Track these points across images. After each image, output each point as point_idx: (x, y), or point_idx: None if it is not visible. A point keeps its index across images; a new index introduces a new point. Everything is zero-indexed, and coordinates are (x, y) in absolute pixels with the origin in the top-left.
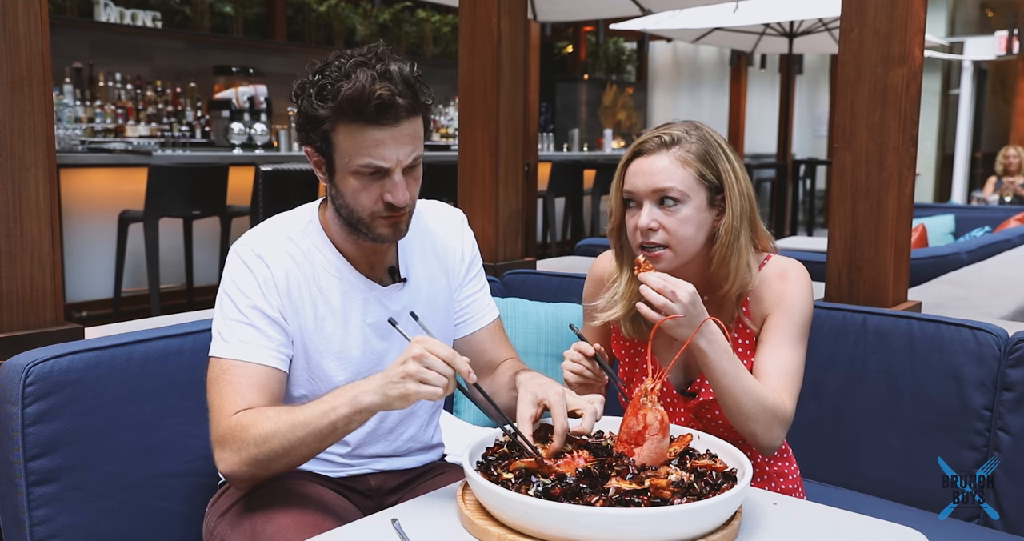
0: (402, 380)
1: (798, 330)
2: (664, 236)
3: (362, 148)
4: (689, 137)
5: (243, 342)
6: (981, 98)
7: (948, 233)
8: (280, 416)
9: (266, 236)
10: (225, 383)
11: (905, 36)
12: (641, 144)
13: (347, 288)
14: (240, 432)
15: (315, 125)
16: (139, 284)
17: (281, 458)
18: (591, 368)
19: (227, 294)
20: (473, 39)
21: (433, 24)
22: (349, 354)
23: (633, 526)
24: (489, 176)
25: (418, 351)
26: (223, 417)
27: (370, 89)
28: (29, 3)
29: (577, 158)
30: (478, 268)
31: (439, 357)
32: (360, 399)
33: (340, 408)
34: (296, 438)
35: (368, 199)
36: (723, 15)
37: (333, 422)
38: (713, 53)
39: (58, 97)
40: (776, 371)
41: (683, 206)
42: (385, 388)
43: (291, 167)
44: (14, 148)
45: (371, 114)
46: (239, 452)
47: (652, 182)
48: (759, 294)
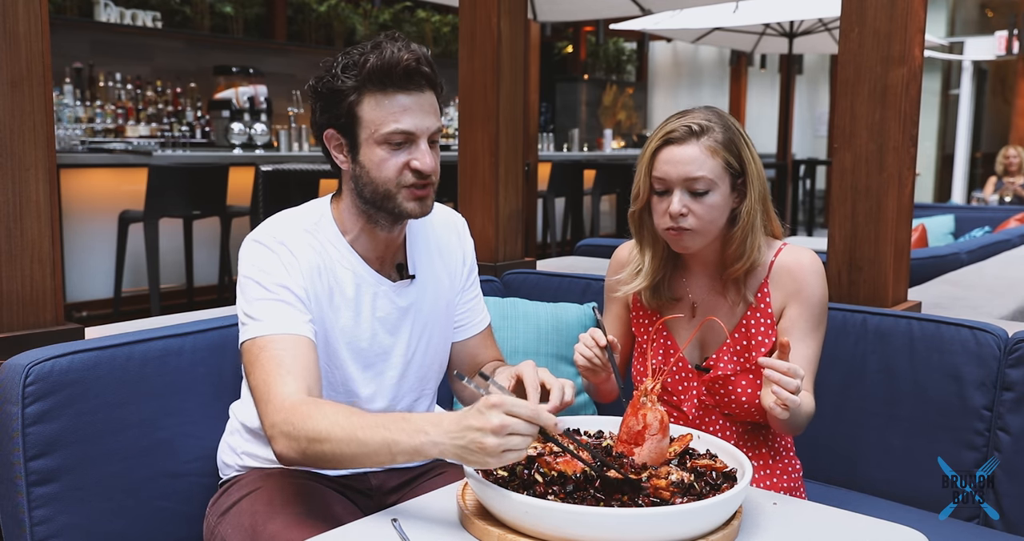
0: (479, 451)
1: (816, 319)
2: (693, 221)
3: (389, 114)
4: (715, 126)
5: (275, 317)
6: (981, 98)
7: (948, 233)
8: (339, 421)
9: (284, 226)
10: (267, 359)
11: (905, 36)
12: (669, 133)
13: (359, 282)
14: (296, 419)
15: (339, 100)
16: (139, 284)
17: (329, 461)
18: (601, 357)
19: (250, 278)
20: (473, 39)
21: (433, 24)
22: (358, 346)
23: (633, 526)
24: (489, 176)
25: (497, 422)
26: (272, 395)
27: (397, 55)
28: (29, 3)
29: (577, 158)
30: (476, 273)
31: (522, 418)
32: (426, 450)
33: (401, 443)
34: (348, 451)
35: (394, 168)
36: (723, 15)
37: (392, 454)
38: (713, 53)
39: (58, 97)
40: (801, 364)
41: (712, 193)
42: (462, 453)
43: (291, 167)
44: (14, 148)
45: (399, 79)
46: (289, 439)
47: (685, 171)
48: (779, 282)
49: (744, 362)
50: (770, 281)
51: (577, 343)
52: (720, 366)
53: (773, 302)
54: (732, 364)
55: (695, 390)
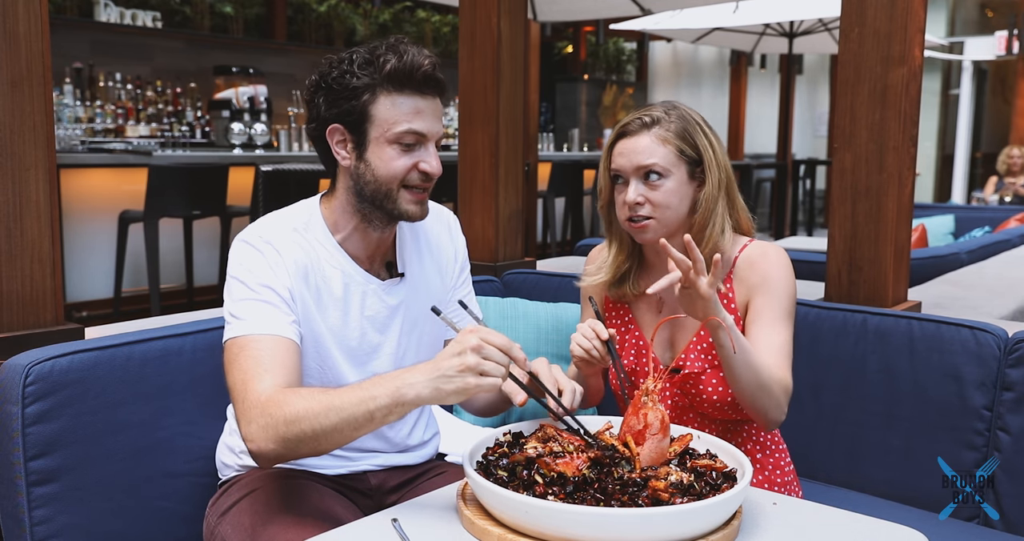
0: (460, 374)
1: (785, 310)
2: (650, 209)
3: (404, 115)
4: (668, 117)
5: (258, 317)
6: (981, 98)
7: (948, 233)
8: (314, 397)
9: (272, 226)
10: (245, 358)
11: (905, 36)
12: (624, 126)
13: (348, 281)
14: (270, 408)
15: (352, 96)
16: (139, 284)
17: (310, 441)
18: (599, 350)
19: (235, 278)
20: (473, 39)
21: (433, 24)
22: (348, 345)
23: (633, 526)
24: (489, 176)
25: (474, 342)
26: (248, 392)
27: (418, 59)
28: (29, 3)
29: (577, 158)
30: (467, 272)
31: (496, 346)
32: (404, 393)
33: (380, 398)
34: (329, 423)
35: (402, 167)
36: (723, 15)
37: (371, 412)
38: (713, 53)
39: (58, 97)
40: (772, 349)
41: (666, 180)
42: (438, 382)
43: (291, 167)
44: (14, 148)
45: (419, 82)
46: (266, 429)
47: (636, 160)
48: (741, 275)
49: (711, 359)
50: (734, 276)
51: (575, 333)
52: (688, 364)
53: (737, 297)
54: (700, 362)
55: (668, 391)
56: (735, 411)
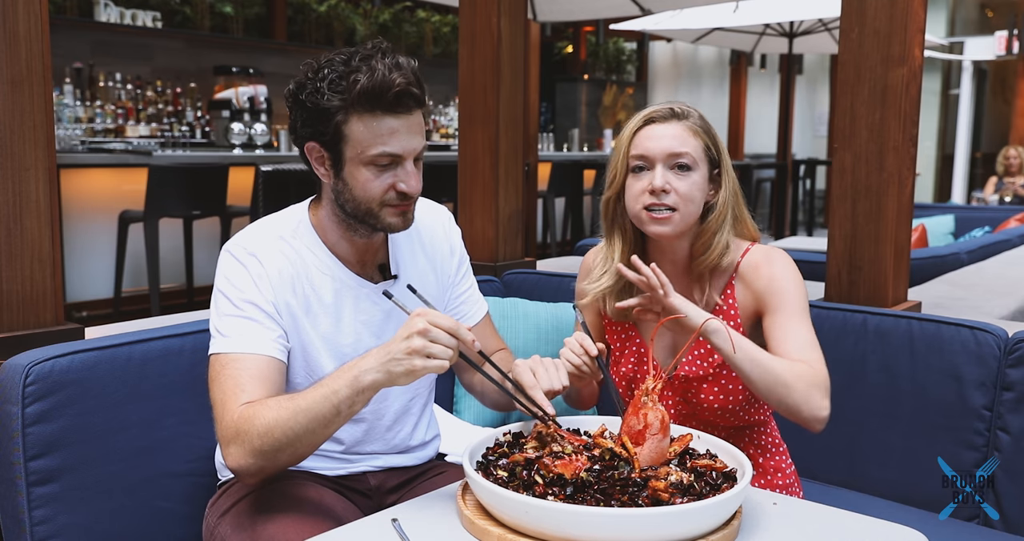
0: (407, 356)
1: (800, 306)
2: (675, 199)
3: (377, 137)
4: (694, 112)
5: (241, 335)
6: (981, 98)
7: (948, 233)
8: (281, 404)
9: (258, 235)
10: (226, 378)
11: (905, 36)
12: (652, 113)
13: (339, 286)
14: (243, 424)
15: (325, 118)
16: (139, 284)
17: (286, 448)
18: (590, 365)
19: (221, 292)
20: (473, 39)
21: (433, 24)
22: (341, 352)
23: (633, 526)
24: (489, 176)
25: (421, 325)
26: (227, 412)
27: (389, 78)
28: (29, 3)
29: (577, 158)
30: (467, 264)
31: (443, 329)
32: (361, 379)
33: (341, 390)
34: (299, 426)
35: (379, 188)
36: (723, 15)
37: (336, 405)
38: (713, 53)
39: (58, 97)
40: (798, 345)
41: (693, 173)
42: (388, 365)
43: (291, 167)
44: (14, 148)
45: (389, 103)
46: (243, 445)
47: (668, 146)
48: (746, 279)
49: (710, 365)
50: (736, 281)
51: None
52: (687, 369)
53: (739, 303)
54: (698, 369)
55: (670, 398)
56: (737, 418)
